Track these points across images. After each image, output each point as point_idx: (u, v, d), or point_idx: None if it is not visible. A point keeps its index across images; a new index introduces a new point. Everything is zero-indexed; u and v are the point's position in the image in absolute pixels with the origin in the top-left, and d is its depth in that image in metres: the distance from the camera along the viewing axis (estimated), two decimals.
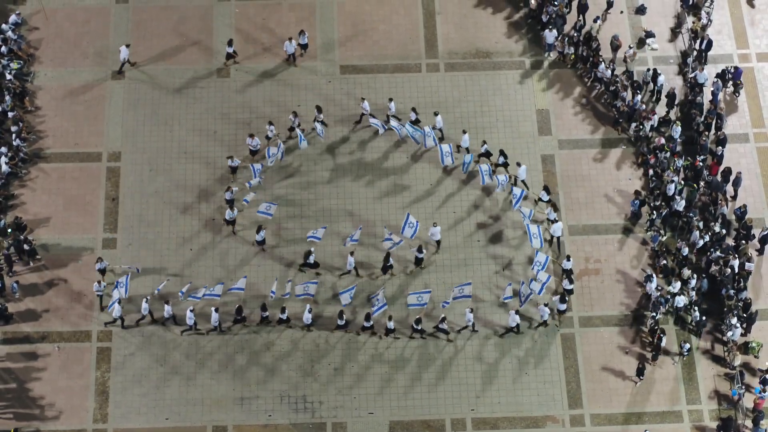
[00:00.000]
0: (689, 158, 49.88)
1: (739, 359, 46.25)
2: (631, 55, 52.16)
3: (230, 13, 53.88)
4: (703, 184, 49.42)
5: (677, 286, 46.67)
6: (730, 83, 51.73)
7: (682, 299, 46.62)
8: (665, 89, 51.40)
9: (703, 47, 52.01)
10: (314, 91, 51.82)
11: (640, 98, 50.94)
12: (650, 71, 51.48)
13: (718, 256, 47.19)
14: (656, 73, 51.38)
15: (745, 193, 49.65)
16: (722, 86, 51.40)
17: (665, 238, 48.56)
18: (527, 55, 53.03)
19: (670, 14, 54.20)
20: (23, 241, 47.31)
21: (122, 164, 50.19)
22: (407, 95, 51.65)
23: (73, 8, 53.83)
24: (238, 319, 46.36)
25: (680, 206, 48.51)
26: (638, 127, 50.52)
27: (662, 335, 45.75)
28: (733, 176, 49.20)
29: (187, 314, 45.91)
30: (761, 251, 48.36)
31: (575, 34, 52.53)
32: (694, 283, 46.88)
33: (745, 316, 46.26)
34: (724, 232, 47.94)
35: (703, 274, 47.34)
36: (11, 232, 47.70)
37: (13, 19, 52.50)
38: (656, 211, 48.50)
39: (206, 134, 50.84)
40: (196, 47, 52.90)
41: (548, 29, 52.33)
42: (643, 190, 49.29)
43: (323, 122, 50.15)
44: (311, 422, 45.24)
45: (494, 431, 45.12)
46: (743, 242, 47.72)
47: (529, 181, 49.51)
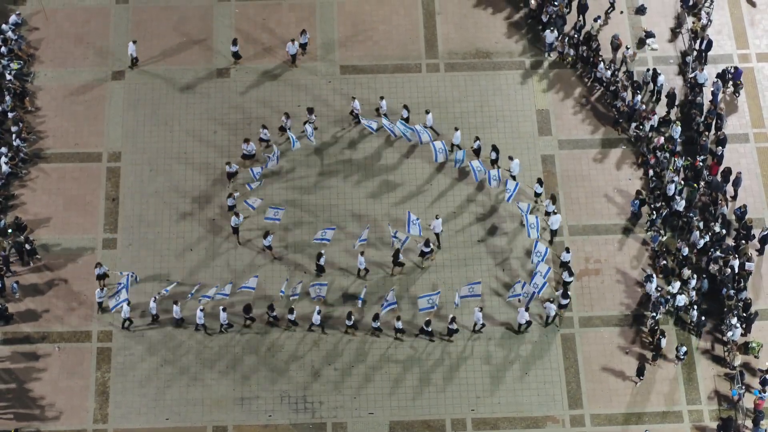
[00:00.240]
0: (689, 158, 49.88)
1: (739, 359, 46.25)
2: (630, 55, 52.14)
3: (230, 13, 53.86)
4: (703, 184, 49.42)
5: (676, 286, 46.67)
6: (730, 83, 51.75)
7: (682, 298, 46.63)
8: (665, 89, 51.40)
9: (703, 47, 52.01)
10: (314, 91, 51.82)
11: (640, 98, 50.94)
12: (650, 71, 51.49)
13: (718, 256, 47.22)
14: (656, 73, 51.38)
15: (745, 193, 49.65)
16: (722, 86, 51.40)
17: (665, 238, 48.56)
18: (527, 55, 53.02)
19: (670, 14, 54.19)
20: (25, 240, 47.31)
21: (122, 164, 50.19)
22: (407, 95, 51.64)
23: (73, 8, 53.81)
24: (247, 318, 46.38)
25: (680, 206, 48.51)
26: (638, 127, 50.53)
27: (662, 335, 45.76)
28: (733, 176, 49.20)
29: (197, 314, 45.96)
30: (761, 251, 48.37)
31: (575, 34, 52.55)
32: (694, 283, 46.90)
33: (745, 316, 46.28)
34: (724, 232, 47.94)
35: (703, 274, 47.35)
36: (11, 232, 47.73)
37: (13, 19, 52.48)
38: (656, 211, 48.50)
39: (206, 134, 50.83)
40: (196, 47, 52.89)
41: (549, 30, 52.33)
42: (643, 190, 49.29)
43: (314, 124, 50.15)
44: (311, 422, 45.23)
45: (494, 431, 45.17)
46: (743, 242, 47.72)
47: (521, 176, 49.43)
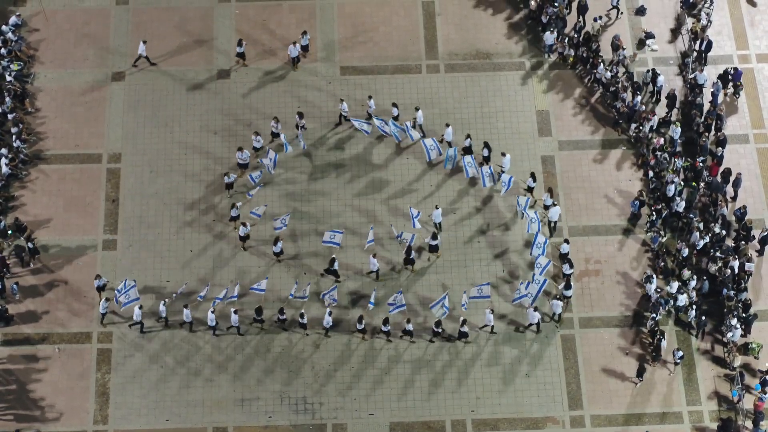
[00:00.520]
0: (689, 159, 49.87)
1: (739, 360, 46.26)
2: (631, 56, 52.14)
3: (230, 14, 53.87)
4: (703, 185, 49.42)
5: (674, 286, 46.67)
6: (730, 84, 51.73)
7: (683, 298, 46.63)
8: (665, 90, 51.41)
9: (702, 48, 52.02)
10: (314, 92, 51.82)
11: (639, 99, 50.94)
12: (650, 72, 51.50)
13: (718, 256, 47.21)
14: (656, 73, 51.38)
15: (745, 194, 49.66)
16: (722, 87, 51.40)
17: (665, 239, 48.56)
18: (527, 56, 53.02)
19: (669, 15, 54.20)
20: (27, 239, 47.32)
21: (122, 165, 50.20)
22: (407, 96, 51.64)
23: (73, 9, 53.83)
24: (257, 320, 46.38)
25: (680, 207, 48.52)
26: (638, 128, 50.53)
27: (662, 336, 45.77)
28: (733, 177, 49.20)
29: (208, 315, 45.96)
30: (761, 252, 48.36)
31: (575, 35, 52.55)
32: (694, 283, 46.90)
33: (744, 316, 46.28)
34: (724, 233, 47.93)
35: (703, 275, 47.35)
36: (11, 233, 47.74)
37: (13, 20, 52.50)
38: (656, 212, 48.49)
39: (206, 136, 50.83)
40: (196, 49, 52.90)
41: (548, 31, 52.32)
42: (643, 191, 49.26)
43: (304, 128, 50.12)
44: (311, 423, 45.24)
45: None
46: (743, 243, 47.72)
47: (513, 171, 49.36)
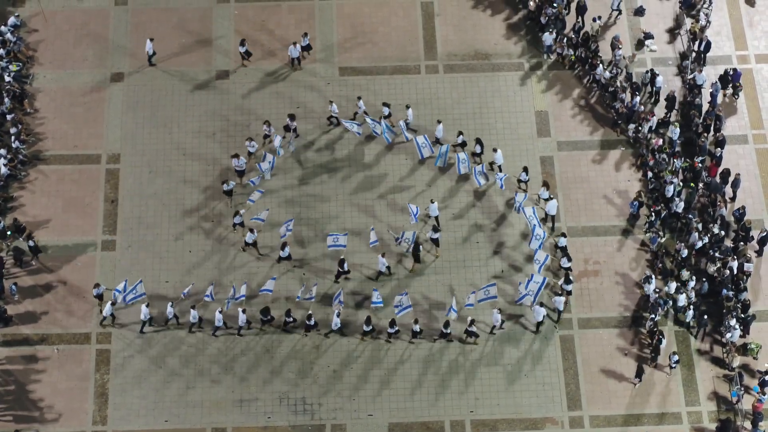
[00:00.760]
0: (688, 160, 49.87)
1: (737, 361, 46.26)
2: (630, 57, 52.15)
3: (229, 15, 53.86)
4: (702, 185, 49.42)
5: (673, 286, 46.68)
6: (729, 85, 51.72)
7: (682, 298, 46.63)
8: (664, 91, 51.40)
9: (701, 49, 52.02)
10: (313, 93, 51.81)
11: (638, 100, 50.93)
12: (649, 73, 51.50)
13: (717, 257, 47.22)
14: (654, 74, 51.38)
15: (744, 194, 49.66)
16: (721, 88, 51.40)
17: (664, 239, 48.56)
18: (526, 56, 53.02)
19: (668, 16, 54.20)
20: (27, 238, 47.32)
21: (121, 166, 50.20)
22: (406, 97, 51.64)
23: (72, 10, 53.82)
24: (264, 320, 46.36)
25: (679, 208, 48.52)
26: (637, 128, 50.53)
27: (661, 337, 45.77)
28: (731, 178, 49.20)
29: (216, 315, 45.97)
30: (760, 253, 48.37)
31: (574, 35, 52.55)
32: (693, 284, 46.90)
33: (743, 317, 46.28)
34: (723, 233, 47.93)
35: (702, 276, 47.34)
36: (10, 234, 47.75)
37: (12, 20, 52.50)
38: (655, 212, 48.49)
39: (205, 136, 50.83)
40: (195, 49, 52.89)
41: (547, 32, 52.31)
42: (642, 192, 49.28)
43: (296, 131, 50.06)
44: (310, 424, 45.24)
45: None
46: (742, 244, 47.73)
47: (506, 167, 49.39)
